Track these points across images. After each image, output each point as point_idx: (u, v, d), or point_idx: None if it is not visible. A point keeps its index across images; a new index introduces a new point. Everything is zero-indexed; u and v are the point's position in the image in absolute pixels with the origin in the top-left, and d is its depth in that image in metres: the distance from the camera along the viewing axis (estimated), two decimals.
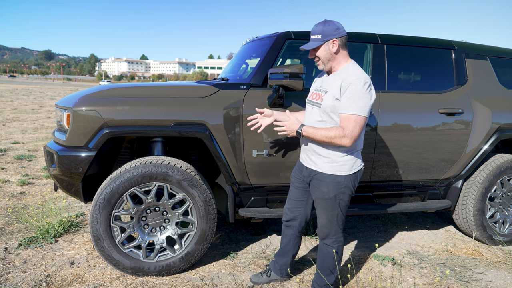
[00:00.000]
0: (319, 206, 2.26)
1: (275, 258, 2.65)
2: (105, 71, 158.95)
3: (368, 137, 2.94)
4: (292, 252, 2.59)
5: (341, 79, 2.09)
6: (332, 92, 2.11)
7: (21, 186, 4.61)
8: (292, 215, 2.49)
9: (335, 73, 2.18)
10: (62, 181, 2.67)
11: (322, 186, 2.20)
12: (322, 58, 2.16)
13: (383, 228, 3.82)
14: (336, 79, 2.14)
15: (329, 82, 2.18)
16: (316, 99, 2.23)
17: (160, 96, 2.66)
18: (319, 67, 2.21)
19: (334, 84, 2.12)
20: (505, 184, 3.39)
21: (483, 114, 3.18)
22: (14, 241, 3.11)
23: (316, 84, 2.34)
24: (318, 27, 2.14)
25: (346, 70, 2.13)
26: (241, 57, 3.65)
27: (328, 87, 2.16)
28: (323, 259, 2.35)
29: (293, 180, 2.45)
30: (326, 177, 2.18)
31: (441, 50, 3.25)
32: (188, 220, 2.66)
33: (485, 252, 3.27)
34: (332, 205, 2.21)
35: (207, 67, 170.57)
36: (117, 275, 2.63)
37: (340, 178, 2.16)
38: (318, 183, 2.22)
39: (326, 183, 2.18)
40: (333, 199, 2.19)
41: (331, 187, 2.17)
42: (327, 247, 2.31)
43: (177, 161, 2.62)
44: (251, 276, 2.65)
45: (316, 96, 2.24)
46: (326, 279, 2.34)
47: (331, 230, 2.28)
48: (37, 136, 8.24)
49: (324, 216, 2.26)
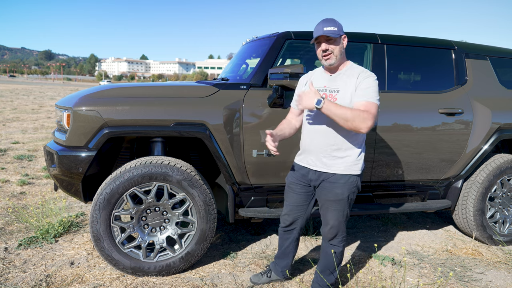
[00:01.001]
0: (331, 208, 2.22)
1: (276, 260, 2.62)
2: (105, 71, 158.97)
3: (368, 137, 2.93)
4: (292, 254, 2.57)
5: (356, 75, 2.10)
6: (347, 90, 2.09)
7: (21, 186, 4.61)
8: (292, 220, 2.42)
9: (342, 72, 2.16)
10: (62, 181, 2.67)
11: (335, 188, 2.17)
12: (335, 51, 2.10)
13: (383, 228, 3.82)
14: (348, 77, 2.12)
15: (338, 82, 2.14)
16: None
17: (160, 96, 2.66)
18: (330, 61, 2.11)
19: (348, 82, 2.10)
20: (505, 184, 3.39)
21: (483, 114, 3.18)
22: (14, 241, 3.11)
23: (317, 83, 2.22)
24: (331, 21, 2.10)
25: (354, 69, 2.15)
26: (241, 57, 3.65)
27: (339, 87, 2.12)
28: (327, 259, 2.33)
29: (293, 186, 2.35)
30: (340, 178, 2.16)
31: (441, 50, 3.25)
32: (188, 220, 2.66)
33: (485, 252, 3.27)
34: (344, 206, 2.20)
35: (207, 67, 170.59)
36: (117, 275, 2.63)
37: (353, 178, 2.18)
38: (330, 185, 2.18)
39: (340, 184, 2.16)
40: (345, 200, 2.19)
41: (345, 188, 2.17)
42: (332, 247, 2.30)
43: (177, 161, 2.62)
44: (251, 276, 2.64)
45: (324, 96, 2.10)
46: (327, 279, 2.34)
47: (339, 230, 2.27)
48: (37, 136, 8.24)
49: (335, 218, 2.23)
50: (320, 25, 2.10)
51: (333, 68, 2.18)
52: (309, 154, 2.24)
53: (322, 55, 2.12)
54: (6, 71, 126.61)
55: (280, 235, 2.56)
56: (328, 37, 2.08)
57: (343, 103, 2.07)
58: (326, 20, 2.13)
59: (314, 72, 2.32)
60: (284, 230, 2.50)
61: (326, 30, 2.07)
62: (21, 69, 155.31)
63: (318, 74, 2.28)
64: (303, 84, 2.31)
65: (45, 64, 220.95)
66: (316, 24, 2.14)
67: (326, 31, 2.06)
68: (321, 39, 2.10)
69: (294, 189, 2.35)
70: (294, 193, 2.36)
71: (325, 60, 2.13)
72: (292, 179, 2.37)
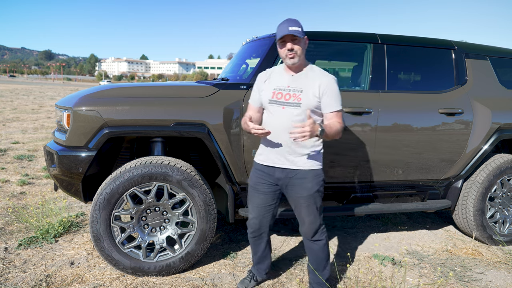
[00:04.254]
0: (305, 204, 2.24)
1: (256, 267, 2.58)
2: (105, 71, 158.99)
3: (368, 137, 2.94)
4: (269, 254, 2.58)
5: (317, 78, 2.18)
6: (310, 90, 2.16)
7: (21, 186, 4.62)
8: (260, 224, 2.38)
9: (303, 73, 2.22)
10: (62, 181, 2.67)
11: (306, 183, 2.21)
12: (299, 51, 2.15)
13: (383, 228, 3.82)
14: (309, 78, 2.19)
15: (301, 82, 2.19)
16: (290, 99, 2.16)
17: (160, 96, 2.66)
18: (293, 60, 2.14)
19: (310, 83, 2.17)
20: (505, 184, 3.39)
21: (483, 114, 3.18)
22: (14, 241, 3.11)
23: (279, 82, 2.22)
24: (295, 21, 2.16)
25: (315, 70, 2.23)
26: (241, 57, 3.65)
27: (303, 86, 2.17)
28: (316, 255, 2.36)
29: (258, 187, 2.31)
30: (308, 173, 2.21)
31: (441, 50, 3.25)
32: (188, 220, 2.66)
33: (485, 252, 3.27)
34: (316, 198, 2.25)
35: (207, 67, 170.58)
36: (117, 275, 2.63)
37: (319, 171, 2.26)
38: (300, 181, 2.21)
39: (309, 178, 2.21)
40: (317, 193, 2.24)
41: (314, 181, 2.22)
42: (317, 243, 2.33)
43: (177, 161, 2.62)
44: (238, 284, 2.55)
45: (288, 96, 2.17)
46: (321, 275, 2.36)
47: (317, 223, 2.30)
48: (37, 136, 8.24)
49: (311, 212, 2.26)
50: (284, 25, 2.14)
51: (295, 68, 2.22)
52: (273, 153, 2.24)
53: (287, 54, 2.16)
54: (6, 71, 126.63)
55: (251, 242, 2.50)
56: (294, 37, 2.12)
57: (308, 103, 2.15)
58: (290, 20, 2.16)
59: (272, 70, 2.34)
60: (254, 236, 2.45)
61: (291, 29, 2.11)
62: (21, 69, 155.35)
63: (277, 72, 2.30)
64: (262, 81, 2.31)
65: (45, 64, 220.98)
66: (279, 24, 2.18)
67: (292, 30, 2.10)
68: (287, 39, 2.14)
69: (260, 190, 2.32)
70: (260, 194, 2.32)
71: (289, 59, 2.16)
72: (256, 179, 2.33)
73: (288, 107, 2.17)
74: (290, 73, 2.24)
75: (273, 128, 2.20)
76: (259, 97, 2.29)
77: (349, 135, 2.90)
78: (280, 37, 2.14)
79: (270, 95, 2.22)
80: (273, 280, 2.68)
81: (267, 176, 2.29)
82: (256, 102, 2.32)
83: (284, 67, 2.28)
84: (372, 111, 2.92)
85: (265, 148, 2.28)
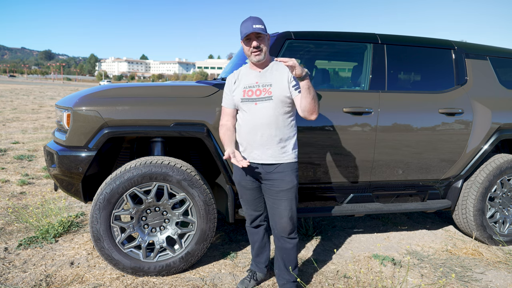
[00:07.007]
0: (283, 199, 2.26)
1: (255, 260, 2.61)
2: (105, 71, 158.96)
3: (368, 137, 2.94)
4: (268, 246, 2.60)
5: (284, 71, 2.21)
6: (279, 83, 2.20)
7: (21, 186, 4.62)
8: (257, 213, 2.46)
9: (269, 68, 2.26)
10: (62, 181, 2.67)
11: (285, 176, 2.25)
12: (264, 48, 2.19)
13: (383, 228, 3.82)
14: (277, 71, 2.23)
15: (269, 77, 2.24)
16: (261, 95, 2.21)
17: (160, 96, 2.66)
18: (259, 57, 2.19)
19: (278, 76, 2.21)
20: (505, 184, 3.39)
21: (483, 114, 3.18)
22: (14, 241, 3.11)
23: (248, 80, 2.27)
24: (258, 19, 2.19)
25: (279, 64, 2.26)
26: (241, 57, 3.65)
27: (271, 81, 2.22)
28: (288, 254, 2.38)
29: (243, 183, 2.37)
30: (287, 166, 2.25)
31: (441, 50, 3.25)
32: (188, 220, 2.66)
33: (485, 252, 3.27)
34: (293, 193, 2.28)
35: (207, 67, 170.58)
36: (117, 275, 2.63)
37: (296, 165, 2.31)
38: (280, 175, 2.24)
39: (288, 172, 2.25)
40: (295, 186, 2.28)
41: (293, 174, 2.27)
42: (291, 241, 2.36)
43: (177, 161, 2.62)
44: (238, 284, 2.55)
45: (258, 92, 2.22)
46: (294, 272, 2.39)
47: (294, 220, 2.32)
48: (37, 136, 8.24)
49: (289, 207, 2.28)
50: (248, 23, 2.16)
51: (261, 64, 2.26)
52: (254, 149, 2.27)
53: (252, 51, 2.19)
54: (6, 71, 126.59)
55: (248, 232, 2.58)
56: (258, 34, 2.16)
57: (279, 94, 2.18)
58: (253, 18, 2.19)
59: (239, 71, 2.37)
60: (252, 226, 2.53)
61: (256, 27, 2.14)
62: (21, 69, 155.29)
63: (245, 72, 2.33)
64: (232, 82, 2.34)
65: (45, 64, 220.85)
66: (242, 22, 2.20)
67: (256, 28, 2.14)
68: (252, 36, 2.17)
69: (246, 186, 2.38)
70: (247, 190, 2.39)
71: (255, 56, 2.20)
72: (239, 177, 2.38)
73: (260, 102, 2.21)
74: (256, 70, 2.28)
75: (249, 125, 2.24)
76: (231, 98, 2.32)
77: (349, 135, 2.90)
78: (245, 35, 2.16)
79: (241, 94, 2.26)
80: (273, 280, 2.68)
81: (249, 172, 2.33)
82: (230, 104, 2.35)
83: (250, 65, 2.32)
84: (372, 111, 2.92)
85: (246, 145, 2.30)
